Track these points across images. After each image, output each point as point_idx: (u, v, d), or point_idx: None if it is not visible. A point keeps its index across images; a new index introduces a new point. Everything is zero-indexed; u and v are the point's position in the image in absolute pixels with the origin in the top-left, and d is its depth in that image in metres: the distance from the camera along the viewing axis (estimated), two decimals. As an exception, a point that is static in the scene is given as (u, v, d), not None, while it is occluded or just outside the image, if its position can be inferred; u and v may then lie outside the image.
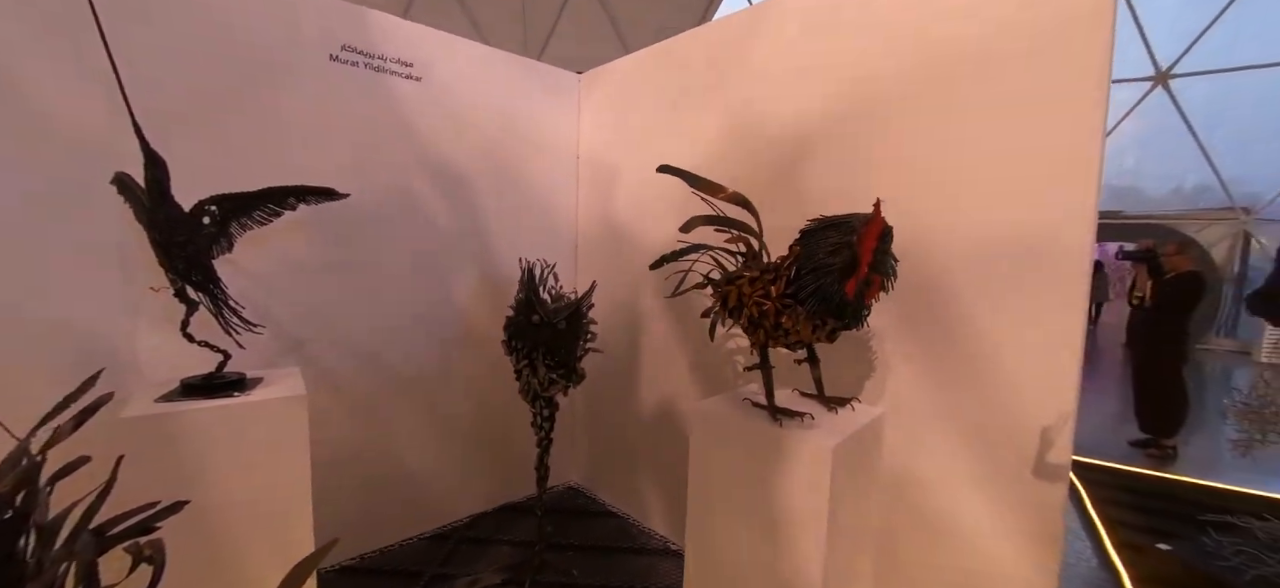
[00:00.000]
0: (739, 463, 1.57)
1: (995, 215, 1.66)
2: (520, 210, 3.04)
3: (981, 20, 1.68)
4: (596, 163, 3.15)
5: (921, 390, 1.85)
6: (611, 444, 3.21)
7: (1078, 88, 1.49)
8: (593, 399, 3.29)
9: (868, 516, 1.71)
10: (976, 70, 1.69)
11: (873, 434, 1.63)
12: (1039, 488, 1.64)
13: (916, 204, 1.82)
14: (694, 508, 1.71)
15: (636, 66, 2.90)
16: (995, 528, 1.72)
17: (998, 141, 1.65)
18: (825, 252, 1.43)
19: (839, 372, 2.02)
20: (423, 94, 2.63)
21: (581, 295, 2.35)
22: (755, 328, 1.59)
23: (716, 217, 1.81)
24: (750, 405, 1.67)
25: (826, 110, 2.06)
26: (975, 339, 1.72)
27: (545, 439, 2.56)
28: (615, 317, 3.02)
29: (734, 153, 2.36)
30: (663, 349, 2.81)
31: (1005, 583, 1.71)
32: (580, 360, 2.41)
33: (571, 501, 3.35)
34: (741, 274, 1.65)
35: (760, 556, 1.54)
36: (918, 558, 1.89)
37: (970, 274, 1.73)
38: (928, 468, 1.85)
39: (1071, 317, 1.53)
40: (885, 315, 1.91)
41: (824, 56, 2.07)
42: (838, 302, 1.42)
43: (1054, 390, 1.59)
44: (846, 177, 1.99)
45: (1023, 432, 1.64)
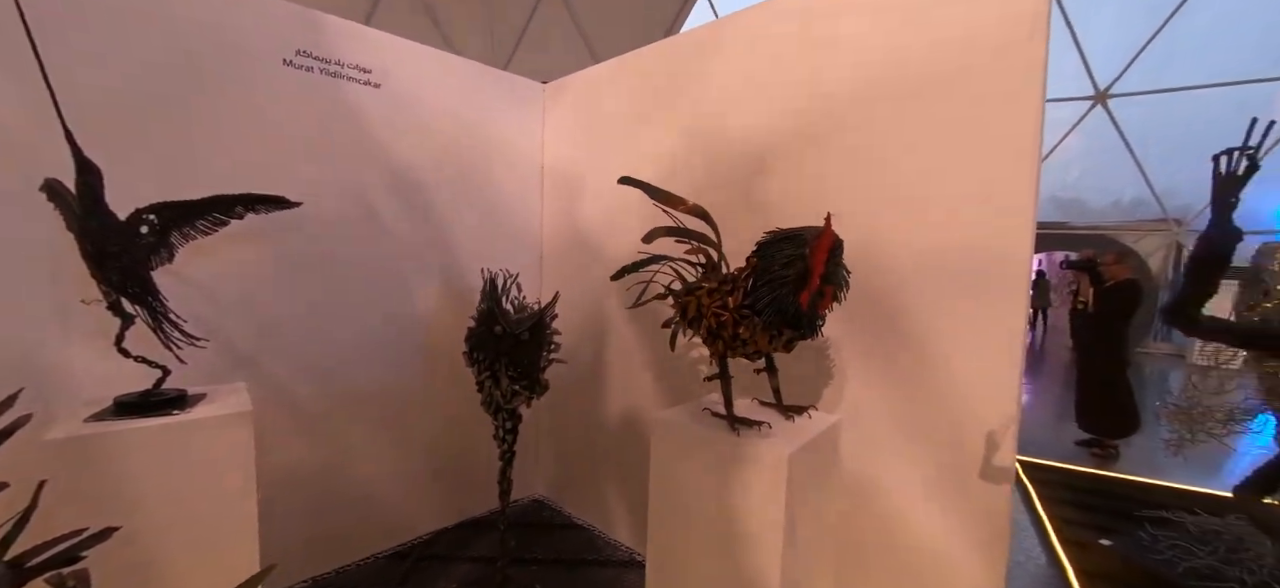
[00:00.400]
0: (698, 473, 1.58)
1: (942, 228, 1.73)
2: (483, 220, 3.00)
3: (926, 44, 1.75)
4: (561, 173, 3.15)
5: (876, 397, 1.91)
6: (577, 456, 3.19)
7: (1015, 109, 1.57)
8: (557, 411, 3.26)
9: (826, 521, 1.74)
10: (922, 90, 1.76)
11: (829, 441, 1.66)
12: (986, 490, 1.70)
13: (869, 217, 1.88)
14: (655, 519, 1.71)
15: (600, 78, 2.91)
16: (946, 528, 1.78)
17: (943, 158, 1.73)
18: (780, 264, 1.46)
19: (798, 380, 2.06)
20: (382, 101, 2.58)
21: (544, 306, 2.34)
22: (714, 338, 1.60)
23: (677, 228, 1.83)
24: (710, 415, 1.68)
25: (783, 125, 2.11)
26: (925, 347, 1.79)
27: (508, 452, 2.52)
28: (580, 327, 3.01)
29: (694, 165, 2.40)
30: (628, 359, 2.81)
31: (956, 580, 1.77)
32: (544, 371, 2.39)
33: (536, 514, 3.30)
34: (701, 285, 1.67)
35: (720, 564, 1.55)
36: (875, 560, 1.93)
37: (920, 284, 1.79)
38: (883, 473, 1.90)
39: (1012, 325, 1.61)
40: (841, 325, 1.96)
41: (780, 73, 2.12)
42: (793, 312, 1.46)
43: (998, 395, 1.66)
44: (803, 190, 2.04)
45: (970, 435, 1.71)
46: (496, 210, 3.07)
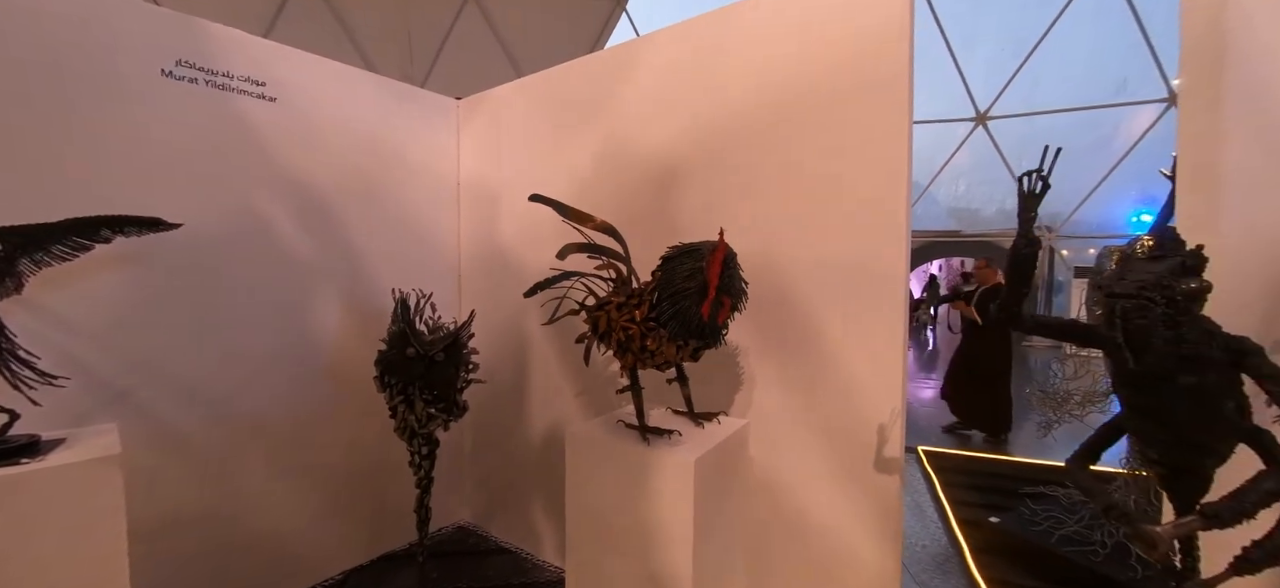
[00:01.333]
0: (612, 484, 1.60)
1: (829, 241, 1.88)
2: (396, 239, 2.90)
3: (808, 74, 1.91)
4: (479, 189, 3.10)
5: (780, 399, 2.02)
6: (501, 477, 3.12)
7: (886, 134, 1.74)
8: (480, 432, 3.18)
9: (737, 520, 1.82)
10: (806, 116, 1.92)
11: (737, 444, 1.74)
12: (879, 478, 1.85)
13: (766, 232, 2.00)
14: (572, 532, 1.71)
15: (515, 95, 2.91)
16: (846, 517, 1.90)
17: (827, 177, 1.88)
18: (682, 277, 1.53)
19: (709, 388, 2.14)
20: (278, 115, 2.44)
21: (460, 325, 2.29)
22: (624, 351, 1.64)
23: (588, 245, 1.86)
24: (623, 427, 1.72)
25: (689, 144, 2.21)
26: (820, 350, 1.92)
27: (425, 479, 2.43)
28: (501, 345, 2.96)
29: (608, 182, 2.45)
30: (550, 376, 2.80)
31: (857, 565, 1.89)
32: (461, 393, 2.33)
33: (461, 542, 3.19)
34: (610, 300, 1.71)
35: (637, 571, 1.58)
36: (785, 553, 2.03)
37: (813, 293, 1.93)
38: (788, 469, 2.01)
39: (893, 327, 1.76)
40: (747, 333, 2.07)
41: (685, 95, 2.23)
42: (696, 323, 1.52)
43: (885, 391, 1.81)
44: (708, 206, 2.14)
45: (863, 429, 1.85)
46: (410, 229, 2.97)
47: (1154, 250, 0.95)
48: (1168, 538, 0.90)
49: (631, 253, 1.92)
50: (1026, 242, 1.04)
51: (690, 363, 1.77)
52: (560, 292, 1.94)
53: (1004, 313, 1.09)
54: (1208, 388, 0.93)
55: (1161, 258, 0.92)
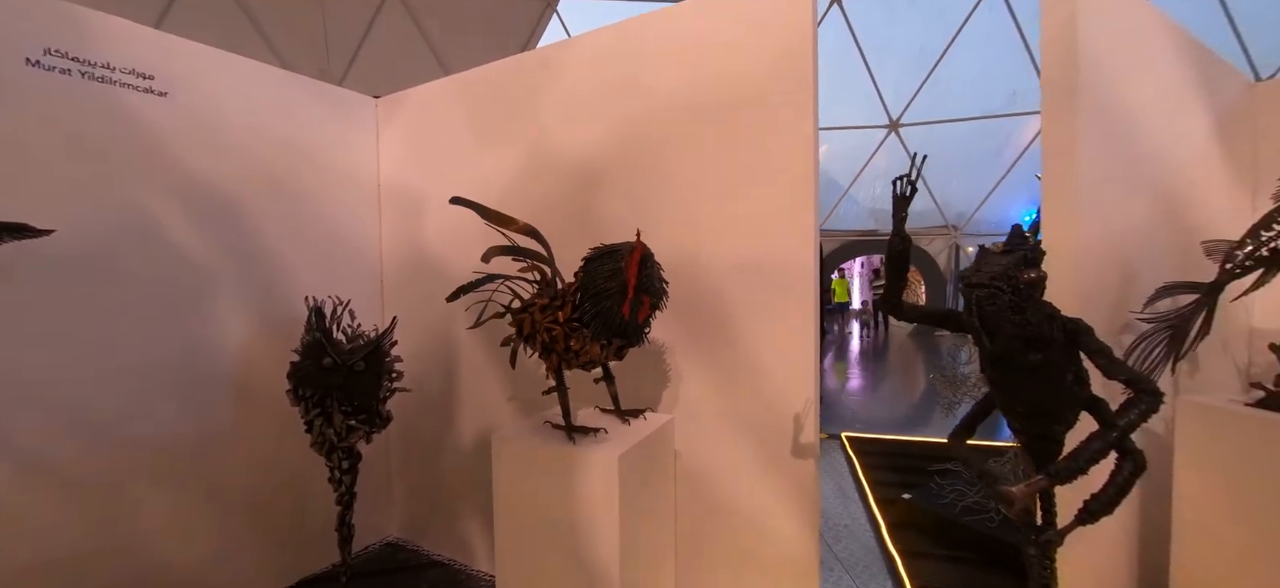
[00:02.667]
0: (539, 485, 1.61)
1: (746, 239, 1.98)
2: (310, 244, 2.75)
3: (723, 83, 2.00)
4: (400, 192, 3.00)
5: (704, 393, 2.10)
6: (432, 488, 3.02)
7: (793, 138, 1.86)
8: (407, 443, 3.07)
9: (665, 511, 1.87)
10: (720, 122, 2.01)
11: (662, 438, 1.80)
12: (797, 464, 1.96)
13: (690, 231, 2.08)
14: (501, 536, 1.70)
15: (437, 94, 2.85)
16: (768, 501, 2.01)
17: (741, 181, 1.98)
18: (603, 278, 1.56)
19: (638, 386, 2.19)
20: (171, 112, 2.26)
21: (382, 332, 2.21)
22: (548, 352, 1.66)
23: (512, 247, 1.86)
24: (550, 428, 1.73)
25: (612, 148, 2.26)
26: (741, 345, 2.02)
27: (346, 494, 2.32)
28: (427, 352, 2.88)
29: (533, 184, 2.45)
30: (480, 382, 2.75)
31: (780, 546, 2.00)
32: (384, 402, 2.25)
33: (390, 558, 3.06)
34: (534, 302, 1.72)
35: (565, 569, 1.59)
36: (712, 539, 2.11)
37: (733, 290, 2.02)
38: (713, 460, 2.09)
39: (804, 321, 1.88)
40: (672, 331, 2.13)
41: (609, 99, 2.27)
42: (618, 322, 1.56)
43: (799, 381, 1.93)
44: (634, 207, 2.19)
45: (780, 419, 1.96)
46: (326, 233, 2.83)
47: (1005, 246, 1.08)
48: (1021, 496, 1.03)
49: (558, 255, 1.93)
50: (900, 238, 1.16)
51: (616, 362, 1.81)
52: (485, 295, 1.92)
53: (886, 304, 1.21)
54: (1051, 364, 1.08)
55: (1010, 252, 1.06)
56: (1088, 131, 1.92)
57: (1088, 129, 1.92)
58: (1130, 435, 1.05)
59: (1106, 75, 2.01)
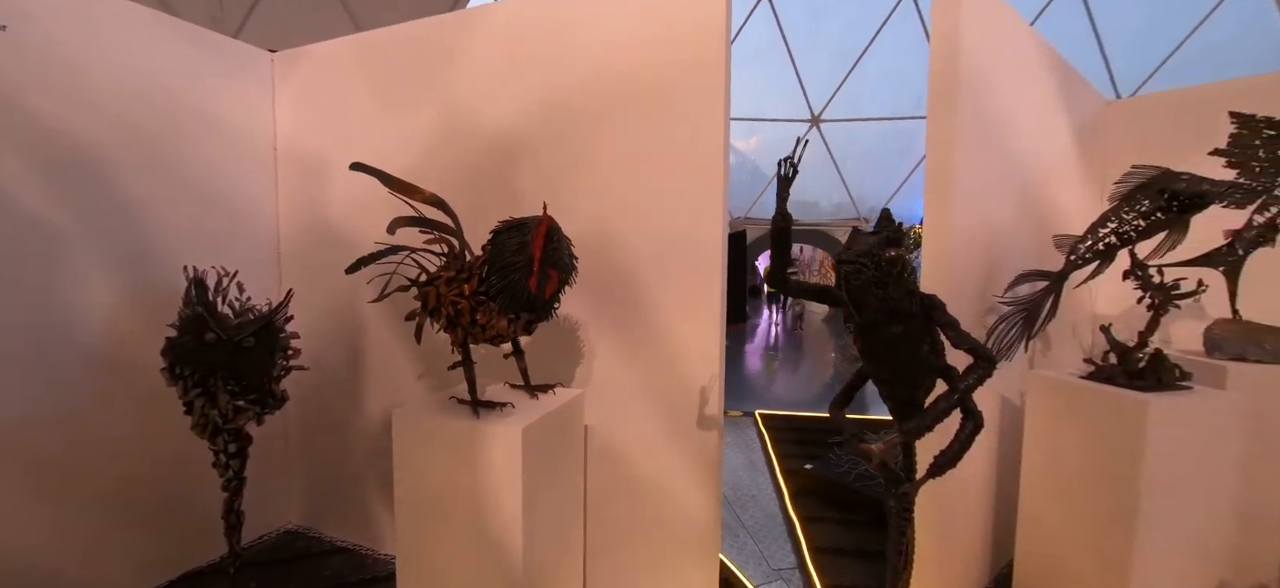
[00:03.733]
0: (441, 461, 1.59)
1: (659, 218, 2.03)
2: (191, 209, 2.50)
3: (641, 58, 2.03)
4: (300, 156, 2.79)
5: (616, 368, 2.14)
6: (335, 471, 2.88)
7: (705, 120, 1.92)
8: (308, 424, 2.90)
9: (573, 486, 1.90)
10: (636, 103, 2.04)
11: (570, 412, 1.82)
12: (701, 436, 2.06)
13: (605, 208, 2.10)
14: (402, 515, 1.67)
15: (342, 53, 2.66)
16: (674, 473, 2.09)
17: (654, 161, 2.02)
18: (511, 251, 1.55)
19: (551, 361, 2.20)
20: (8, 50, 1.97)
21: (275, 306, 2.07)
22: (453, 326, 1.63)
23: (418, 218, 1.79)
24: (455, 403, 1.70)
25: (531, 119, 2.22)
26: (651, 321, 2.07)
27: (234, 480, 2.17)
28: (330, 328, 2.73)
29: (445, 154, 2.37)
30: (388, 358, 2.64)
31: (685, 514, 2.10)
32: (278, 381, 2.12)
33: (288, 547, 2.89)
34: (440, 275, 1.67)
35: (468, 545, 1.59)
36: (621, 511, 2.18)
37: (645, 268, 2.07)
38: (624, 434, 2.15)
39: (711, 299, 1.97)
40: (585, 307, 2.16)
41: (529, 69, 2.22)
42: (525, 296, 1.56)
43: (705, 357, 2.01)
44: (551, 181, 2.18)
45: (687, 393, 2.04)
46: (212, 198, 2.58)
47: (875, 228, 1.19)
48: (878, 452, 1.16)
49: (471, 229, 1.88)
50: (782, 218, 1.25)
51: (526, 337, 1.81)
52: (389, 267, 1.85)
53: (771, 280, 1.30)
54: (910, 335, 1.21)
55: (876, 233, 1.17)
56: (965, 133, 2.12)
57: (965, 131, 2.12)
58: (971, 398, 1.20)
59: (984, 84, 2.23)
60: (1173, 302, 2.09)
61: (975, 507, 2.48)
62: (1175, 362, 2.04)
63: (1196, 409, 1.92)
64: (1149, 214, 2.15)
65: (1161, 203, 2.11)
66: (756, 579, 2.65)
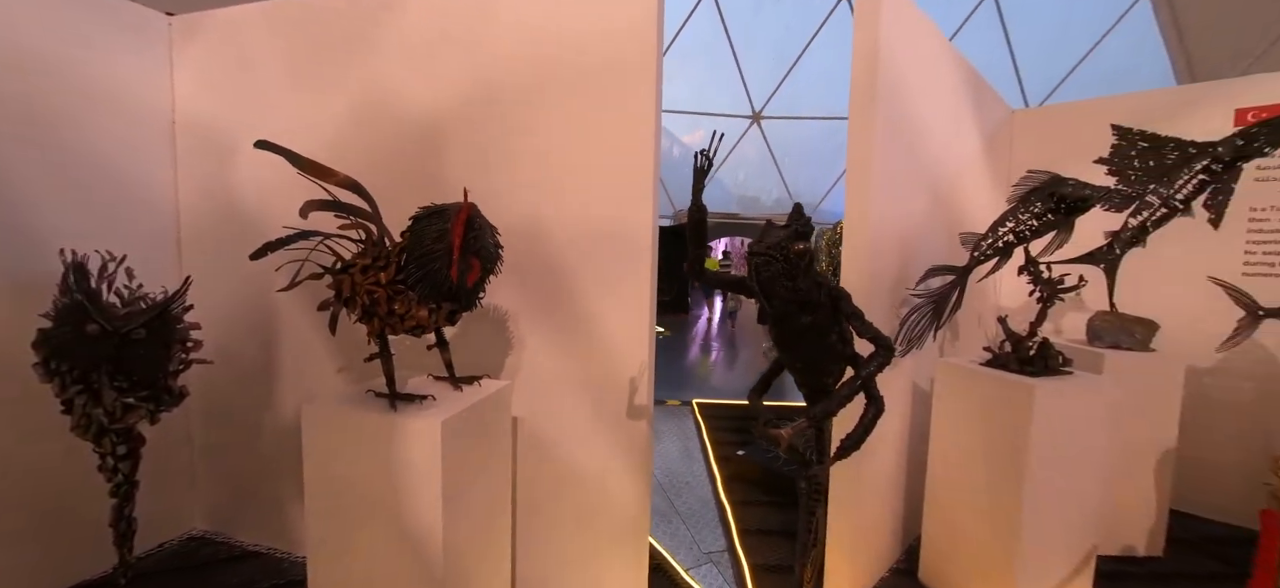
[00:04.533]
0: (355, 457, 1.52)
1: (590, 207, 2.02)
2: (73, 187, 2.25)
3: (572, 42, 2.00)
4: (203, 131, 2.56)
5: (547, 358, 2.12)
6: (245, 472, 2.70)
7: (636, 110, 1.92)
8: (215, 422, 2.70)
9: (500, 479, 1.87)
10: (571, 83, 2.01)
11: (496, 404, 1.79)
12: (632, 424, 2.08)
13: (535, 195, 2.06)
14: (314, 515, 1.58)
15: (250, 19, 2.46)
16: (606, 461, 2.11)
17: (584, 149, 2.00)
18: (431, 239, 1.50)
19: (481, 352, 2.15)
20: None
21: (170, 294, 1.91)
22: (369, 316, 1.55)
23: (333, 202, 1.69)
24: (372, 396, 1.63)
25: (458, 101, 2.14)
26: (581, 311, 2.07)
27: (124, 484, 2.00)
28: (240, 318, 2.54)
29: (366, 134, 2.25)
30: (303, 351, 2.49)
31: (616, 502, 2.12)
32: (175, 376, 1.96)
33: (191, 555, 2.69)
34: (355, 263, 1.59)
35: (384, 543, 1.53)
36: (553, 501, 2.17)
37: (576, 257, 2.05)
38: (555, 424, 2.14)
39: (641, 290, 1.98)
40: (514, 297, 2.12)
41: (454, 49, 2.14)
42: (446, 285, 1.51)
43: (635, 347, 2.03)
44: (476, 169, 2.11)
45: (617, 381, 2.05)
46: (97, 175, 2.33)
47: (786, 222, 1.24)
48: (786, 436, 1.21)
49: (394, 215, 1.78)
50: (697, 209, 1.28)
51: (449, 328, 1.76)
52: (301, 254, 1.74)
53: (690, 270, 1.33)
54: (818, 325, 1.27)
55: (787, 227, 1.21)
56: (883, 135, 2.23)
57: (883, 134, 2.23)
58: (875, 384, 1.28)
59: (901, 90, 2.35)
60: (1058, 295, 2.29)
61: (889, 486, 2.64)
62: (1060, 350, 2.25)
63: (1076, 392, 2.13)
64: (1041, 215, 2.35)
65: (1052, 205, 2.31)
66: (687, 563, 2.71)
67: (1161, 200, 2.68)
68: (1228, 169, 2.53)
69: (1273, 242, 3.18)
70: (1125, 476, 2.76)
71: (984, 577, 2.24)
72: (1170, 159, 2.65)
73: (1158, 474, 2.79)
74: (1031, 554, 2.09)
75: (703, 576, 2.62)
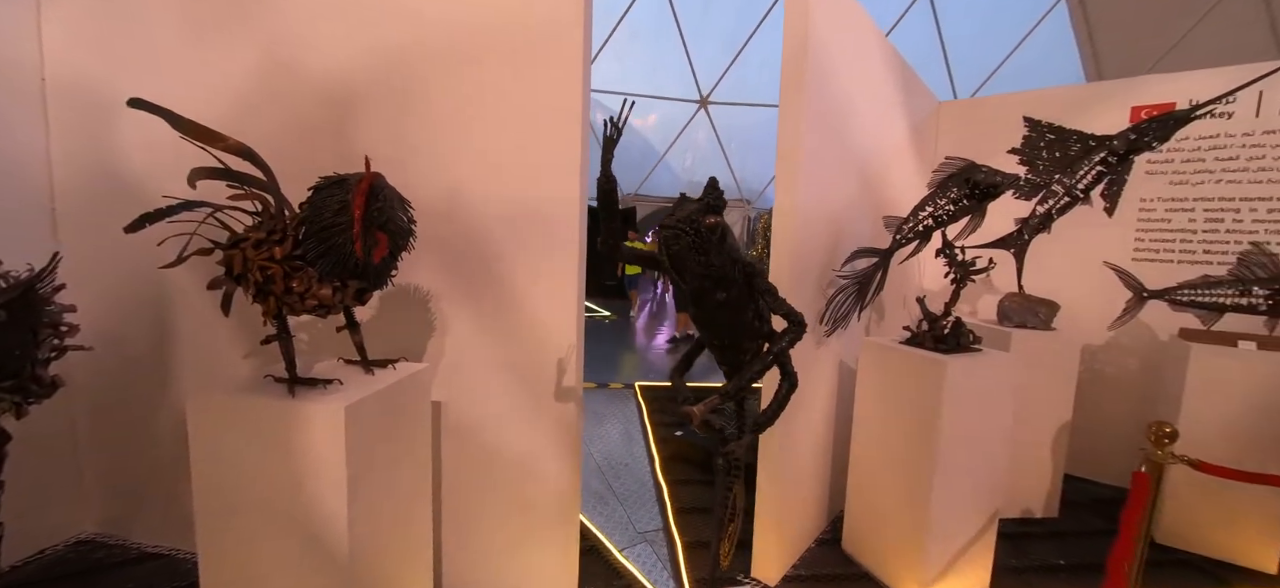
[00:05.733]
0: (249, 448, 1.40)
1: (516, 185, 1.94)
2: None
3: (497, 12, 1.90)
4: (80, 91, 2.29)
5: (472, 341, 2.04)
6: (143, 469, 2.47)
7: (564, 86, 1.86)
8: (104, 416, 2.46)
9: (418, 466, 1.79)
10: (496, 56, 1.92)
11: (412, 388, 1.70)
12: (561, 407, 2.04)
13: (459, 171, 1.97)
14: (203, 512, 1.46)
15: (135, -31, 2.20)
16: (535, 444, 2.06)
17: (511, 124, 1.92)
18: (333, 211, 1.39)
19: (403, 335, 2.05)
20: None
21: (36, 272, 1.70)
22: (264, 295, 1.43)
23: (223, 170, 1.54)
24: (272, 382, 1.51)
25: (374, 68, 2.00)
26: (507, 291, 2.00)
27: (-16, 486, 1.78)
28: (131, 300, 2.32)
29: (272, 101, 2.07)
30: (205, 335, 2.30)
31: (547, 486, 2.08)
32: (45, 365, 1.76)
33: (80, 560, 2.46)
34: (247, 237, 1.46)
35: (283, 537, 1.43)
36: (481, 487, 2.11)
37: (503, 236, 1.98)
38: (482, 410, 2.07)
39: (569, 270, 1.94)
40: (438, 277, 2.03)
41: (368, 12, 2.00)
42: (351, 262, 1.41)
43: (564, 328, 1.98)
44: (395, 141, 1.99)
45: (545, 363, 2.01)
46: (-56, 136, 2.04)
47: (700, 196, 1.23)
48: (698, 413, 1.21)
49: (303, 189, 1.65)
50: (605, 179, 1.24)
51: (359, 307, 1.65)
52: (189, 226, 1.57)
53: (604, 246, 1.30)
54: (733, 301, 1.27)
55: (699, 201, 1.20)
56: (812, 118, 2.26)
57: (812, 117, 2.26)
58: (789, 360, 1.29)
59: (830, 77, 2.39)
60: (970, 277, 2.42)
61: (816, 461, 2.74)
62: (971, 329, 2.38)
63: (983, 368, 2.26)
64: (957, 200, 2.47)
65: (966, 190, 2.42)
66: (622, 543, 2.72)
67: (1065, 189, 2.87)
68: (1122, 161, 2.74)
69: (1158, 230, 3.49)
70: (1027, 445, 2.97)
71: (898, 542, 2.36)
72: (1073, 151, 2.85)
73: (1055, 443, 3.03)
74: (939, 520, 2.22)
75: (637, 554, 2.63)
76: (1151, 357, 3.41)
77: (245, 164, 1.53)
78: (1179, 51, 8.60)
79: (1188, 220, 3.40)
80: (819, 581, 2.48)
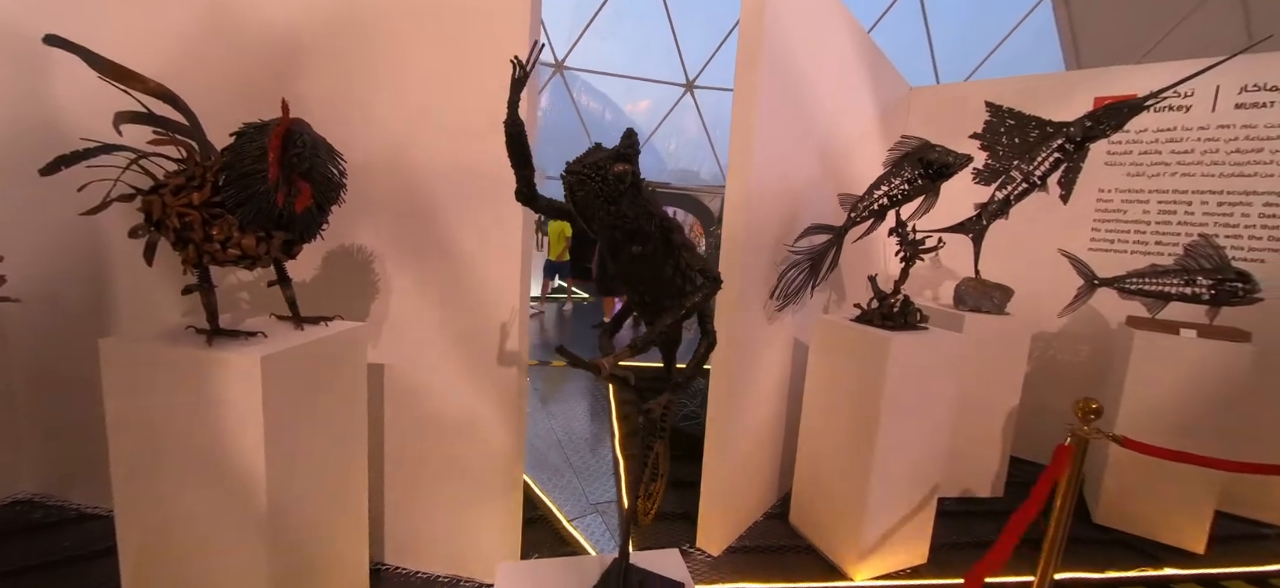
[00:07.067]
0: (162, 396, 1.38)
1: (458, 146, 1.91)
2: None
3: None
4: (7, 39, 2.20)
5: (415, 303, 2.02)
6: (82, 428, 2.42)
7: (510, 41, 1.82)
8: (39, 374, 2.41)
9: (351, 426, 1.78)
10: (445, 13, 1.87)
11: (342, 346, 1.68)
12: (505, 372, 2.03)
13: (405, 129, 1.93)
14: (117, 461, 1.43)
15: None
16: (479, 408, 2.05)
17: (456, 83, 1.88)
18: (253, 158, 1.35)
19: (341, 294, 2.02)
20: None
21: (-47, 219, 1.64)
22: (184, 243, 1.40)
23: (147, 115, 1.49)
24: (194, 333, 1.48)
25: (320, 21, 1.95)
26: (453, 253, 1.98)
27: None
28: (67, 254, 2.26)
29: (213, 50, 2.01)
30: (145, 288, 2.24)
31: (490, 451, 2.07)
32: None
33: (21, 519, 2.42)
34: (166, 183, 1.42)
35: (201, 489, 1.41)
36: (423, 451, 2.10)
37: (446, 197, 1.95)
38: (425, 372, 2.05)
39: (515, 231, 1.92)
40: (382, 238, 2.00)
41: (311, -38, 1.94)
42: (272, 211, 1.38)
43: (507, 294, 1.97)
44: (340, 96, 1.94)
45: (489, 328, 1.99)
46: None
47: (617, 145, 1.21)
48: (606, 367, 1.21)
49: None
50: (512, 121, 1.22)
51: (290, 261, 1.62)
52: (112, 172, 1.53)
53: (519, 194, 1.28)
54: (650, 256, 1.26)
55: (613, 149, 1.18)
56: (768, 92, 2.25)
57: (768, 91, 2.25)
58: (710, 320, 1.29)
59: (788, 53, 2.37)
60: (919, 256, 2.44)
61: (767, 436, 2.77)
62: (920, 308, 2.41)
63: (929, 346, 2.29)
64: (911, 180, 2.48)
65: (920, 170, 2.44)
66: (573, 514, 2.74)
67: (1023, 175, 2.91)
68: (1078, 149, 2.78)
69: (1114, 220, 3.56)
70: (974, 426, 3.03)
71: (839, 515, 2.40)
72: (1032, 137, 2.88)
73: (1004, 426, 3.09)
74: (879, 493, 2.26)
75: (586, 525, 2.65)
76: (1102, 343, 3.49)
77: (167, 108, 1.49)
78: (1161, 49, 8.71)
79: (1142, 212, 3.47)
80: (761, 552, 2.52)
